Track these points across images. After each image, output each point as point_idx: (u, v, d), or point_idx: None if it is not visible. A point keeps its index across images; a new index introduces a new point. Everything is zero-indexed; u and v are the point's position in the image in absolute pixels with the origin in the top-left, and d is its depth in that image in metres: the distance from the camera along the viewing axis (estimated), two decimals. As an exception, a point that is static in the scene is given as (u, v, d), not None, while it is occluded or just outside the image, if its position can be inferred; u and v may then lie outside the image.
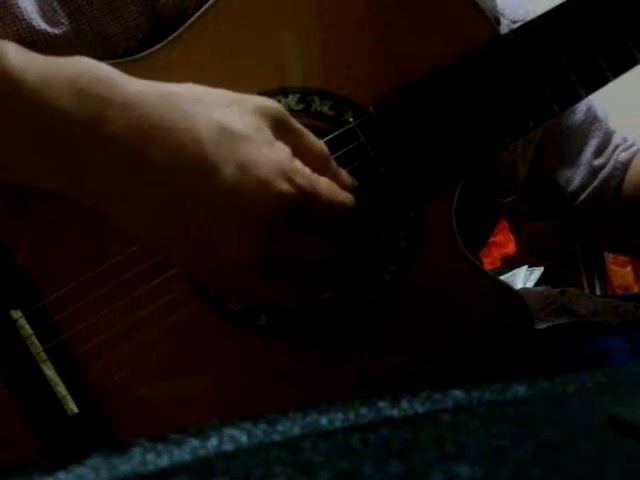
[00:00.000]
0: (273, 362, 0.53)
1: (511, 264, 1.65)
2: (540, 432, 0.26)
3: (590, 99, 0.76)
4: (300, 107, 0.51)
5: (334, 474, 0.22)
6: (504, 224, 1.59)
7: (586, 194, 0.76)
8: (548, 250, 1.58)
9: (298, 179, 0.41)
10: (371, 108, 0.50)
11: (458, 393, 0.29)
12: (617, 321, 0.72)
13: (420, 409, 0.27)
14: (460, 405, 0.28)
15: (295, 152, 0.43)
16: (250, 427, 0.25)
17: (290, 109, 0.50)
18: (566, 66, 0.50)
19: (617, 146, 0.77)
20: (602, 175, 0.75)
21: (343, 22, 0.51)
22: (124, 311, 0.51)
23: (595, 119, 0.77)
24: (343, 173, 0.47)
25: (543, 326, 0.72)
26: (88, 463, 0.22)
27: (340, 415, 0.26)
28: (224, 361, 0.53)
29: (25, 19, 0.47)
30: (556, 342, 0.69)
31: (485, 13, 0.51)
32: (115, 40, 0.50)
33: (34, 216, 0.51)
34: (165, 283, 0.51)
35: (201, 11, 0.50)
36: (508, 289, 0.54)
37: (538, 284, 1.52)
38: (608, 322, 0.72)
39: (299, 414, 0.26)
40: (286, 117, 0.44)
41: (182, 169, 0.40)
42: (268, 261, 0.42)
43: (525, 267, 1.58)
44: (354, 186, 0.47)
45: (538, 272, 1.55)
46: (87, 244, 0.51)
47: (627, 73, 0.51)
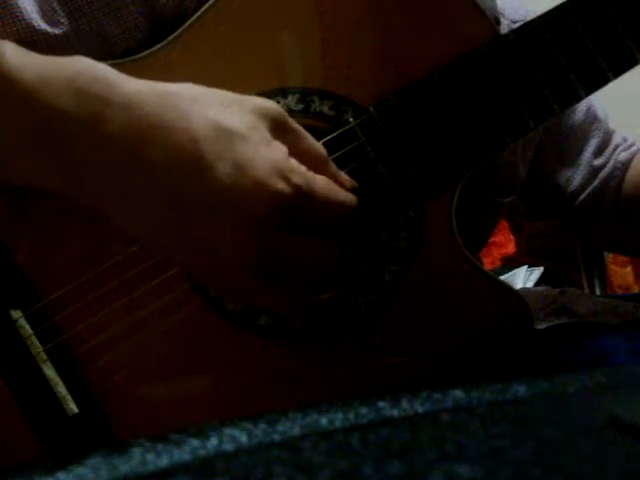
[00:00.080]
0: (273, 362, 0.53)
1: (511, 264, 1.65)
2: (540, 432, 0.26)
3: (590, 99, 0.76)
4: (300, 107, 0.51)
5: (334, 474, 0.22)
6: (504, 224, 1.59)
7: (586, 194, 0.76)
8: (548, 250, 1.58)
9: (294, 178, 0.41)
10: (371, 108, 0.51)
11: (458, 393, 0.29)
12: (617, 321, 0.72)
13: (420, 409, 0.27)
14: (460, 405, 0.28)
15: (293, 153, 0.43)
16: (250, 427, 0.25)
17: (290, 109, 0.50)
18: (566, 66, 0.50)
19: (617, 146, 0.77)
20: (602, 175, 0.75)
21: (343, 22, 0.51)
22: (124, 311, 0.51)
23: (595, 119, 0.77)
24: (342, 174, 0.47)
25: (543, 326, 0.72)
26: (88, 463, 0.22)
27: (340, 415, 0.26)
28: (224, 361, 0.53)
29: (25, 19, 0.47)
30: (556, 342, 0.69)
31: (485, 13, 0.51)
32: (115, 40, 0.50)
33: (34, 216, 0.51)
34: (165, 283, 0.51)
35: (201, 11, 0.50)
36: (508, 289, 0.54)
37: (538, 284, 1.52)
38: (608, 322, 0.72)
39: (299, 414, 0.26)
40: (285, 118, 0.44)
41: (179, 168, 0.40)
42: (264, 262, 0.42)
43: (525, 267, 1.58)
44: (353, 187, 0.47)
45: (538, 272, 1.55)
46: (87, 244, 0.51)
47: (627, 73, 0.51)
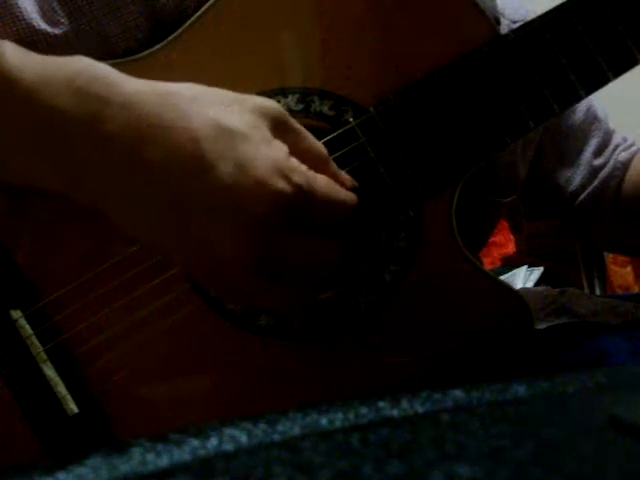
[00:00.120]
0: (273, 362, 0.53)
1: (511, 264, 1.65)
2: (540, 432, 0.26)
3: (590, 99, 0.76)
4: (300, 107, 0.51)
5: (334, 474, 0.22)
6: (504, 224, 1.59)
7: (586, 194, 0.76)
8: (548, 250, 1.58)
9: (295, 177, 0.41)
10: (371, 108, 0.50)
11: (458, 393, 0.29)
12: (617, 321, 0.72)
13: (420, 409, 0.27)
14: (460, 405, 0.28)
15: (294, 152, 0.43)
16: (250, 427, 0.25)
17: (290, 109, 0.50)
18: (566, 66, 0.50)
19: (617, 146, 0.77)
20: (602, 175, 0.75)
21: (343, 22, 0.51)
22: (124, 311, 0.51)
23: (595, 119, 0.77)
24: (343, 174, 0.47)
25: (543, 326, 0.72)
26: (88, 463, 0.22)
27: (340, 415, 0.26)
28: (224, 361, 0.53)
29: (25, 19, 0.47)
30: (556, 342, 0.69)
31: (485, 13, 0.51)
32: (115, 40, 0.50)
33: (34, 216, 0.51)
34: (165, 283, 0.51)
35: (201, 11, 0.50)
36: (508, 289, 0.54)
37: (538, 284, 1.52)
38: (608, 322, 0.72)
39: (299, 414, 0.26)
40: (285, 117, 0.43)
41: (179, 168, 0.40)
42: (264, 261, 0.42)
43: (525, 267, 1.58)
44: (354, 186, 0.47)
45: (538, 272, 1.55)
46: (87, 244, 0.51)
47: (627, 73, 0.51)
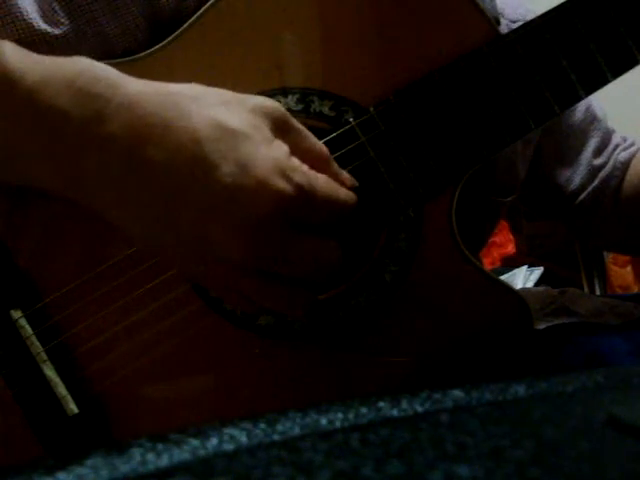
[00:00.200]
0: (273, 362, 0.53)
1: (511, 264, 1.65)
2: (539, 432, 0.26)
3: (589, 98, 0.76)
4: (300, 107, 0.51)
5: (334, 474, 0.22)
6: (504, 224, 1.59)
7: (586, 194, 0.76)
8: (548, 250, 1.58)
9: (296, 177, 0.41)
10: (371, 108, 0.51)
11: (458, 393, 0.29)
12: (617, 321, 0.72)
13: (420, 409, 0.27)
14: (460, 405, 0.28)
15: (294, 152, 0.43)
16: (250, 427, 0.25)
17: (290, 109, 0.50)
18: (566, 66, 0.50)
19: (617, 145, 0.77)
20: (602, 175, 0.75)
21: (343, 22, 0.51)
22: (124, 311, 0.51)
23: (594, 118, 0.77)
24: (343, 173, 0.47)
25: (543, 326, 0.72)
26: (88, 463, 0.22)
27: (340, 415, 0.26)
28: (224, 361, 0.53)
29: (25, 19, 0.47)
30: (556, 342, 0.69)
31: (485, 13, 0.51)
32: (115, 40, 0.50)
33: (35, 216, 0.51)
34: (165, 283, 0.51)
35: (201, 11, 0.50)
36: (508, 289, 0.54)
37: (538, 284, 1.52)
38: (608, 322, 0.72)
39: (299, 414, 0.26)
40: (286, 117, 0.44)
41: (180, 167, 0.40)
42: (264, 261, 0.42)
43: (525, 267, 1.58)
44: (354, 186, 0.47)
45: (538, 272, 1.55)
46: (88, 244, 0.51)
47: (627, 73, 0.51)
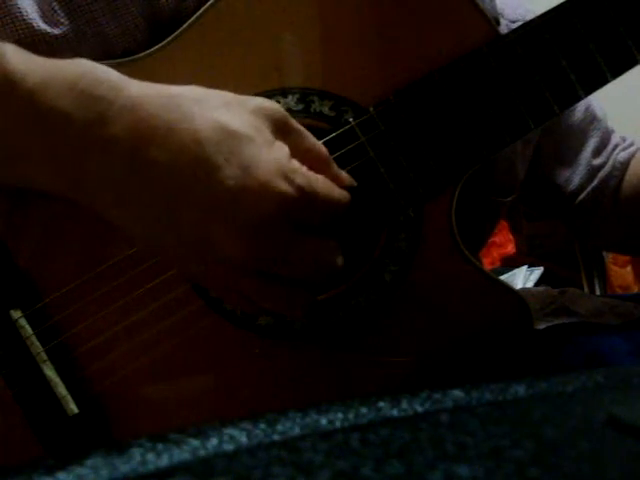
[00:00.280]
0: (273, 362, 0.53)
1: (511, 264, 1.65)
2: (539, 432, 0.26)
3: (589, 98, 0.76)
4: (300, 107, 0.51)
5: (334, 474, 0.22)
6: (504, 224, 1.59)
7: (585, 194, 0.76)
8: (548, 250, 1.58)
9: (298, 179, 0.41)
10: (371, 108, 0.51)
11: (458, 393, 0.29)
12: (617, 321, 0.72)
13: (420, 409, 0.27)
14: (460, 405, 0.28)
15: (295, 153, 0.43)
16: (250, 427, 0.25)
17: (289, 109, 0.50)
18: (566, 66, 0.50)
19: (616, 145, 0.77)
20: (601, 175, 0.75)
21: (343, 22, 0.51)
22: (124, 311, 0.51)
23: (594, 118, 0.76)
24: (342, 174, 0.47)
25: (542, 326, 0.72)
26: (88, 463, 0.22)
27: (340, 415, 0.26)
28: (224, 361, 0.53)
29: (25, 19, 0.47)
30: (555, 342, 0.69)
31: (485, 13, 0.51)
32: (115, 40, 0.50)
33: (35, 216, 0.51)
34: (165, 283, 0.51)
35: (201, 11, 0.50)
36: (508, 289, 0.54)
37: (538, 284, 1.52)
38: (608, 322, 0.72)
39: (299, 414, 0.26)
40: (286, 118, 0.44)
41: (182, 168, 0.40)
42: (265, 262, 0.42)
43: (525, 267, 1.58)
44: (352, 186, 0.47)
45: (538, 272, 1.55)
46: (88, 244, 0.51)
47: (627, 73, 0.51)
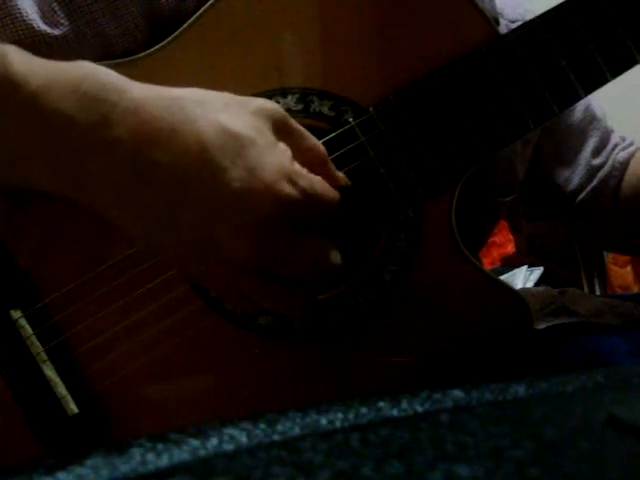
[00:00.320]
0: (273, 362, 0.53)
1: (511, 264, 1.65)
2: (539, 432, 0.26)
3: (588, 98, 0.76)
4: (299, 107, 0.51)
5: (334, 474, 0.22)
6: (504, 224, 1.59)
7: (585, 193, 0.76)
8: (548, 250, 1.58)
9: (301, 181, 0.42)
10: (371, 108, 0.51)
11: (458, 393, 0.29)
12: (617, 321, 0.72)
13: (420, 409, 0.27)
14: (460, 405, 0.28)
15: (295, 153, 0.43)
16: (250, 427, 0.25)
17: (289, 109, 0.50)
18: (565, 66, 0.50)
19: (615, 145, 0.77)
20: (601, 175, 0.75)
21: (343, 22, 0.51)
22: (124, 311, 0.51)
23: (594, 118, 0.76)
24: (339, 174, 0.47)
25: (542, 326, 0.72)
26: (88, 463, 0.22)
27: (340, 415, 0.26)
28: (224, 361, 0.53)
29: (25, 20, 0.47)
30: (555, 342, 0.69)
31: (485, 13, 0.51)
32: (115, 41, 0.50)
33: (35, 216, 0.51)
34: (165, 283, 0.51)
35: (200, 11, 0.50)
36: (508, 289, 0.54)
37: (538, 284, 1.52)
38: (608, 322, 0.72)
39: (299, 414, 0.26)
40: (286, 118, 0.44)
41: (186, 170, 0.40)
42: (266, 262, 0.43)
43: (525, 267, 1.58)
44: (347, 185, 0.47)
45: (538, 272, 1.55)
46: (88, 244, 0.51)
47: (626, 73, 0.51)
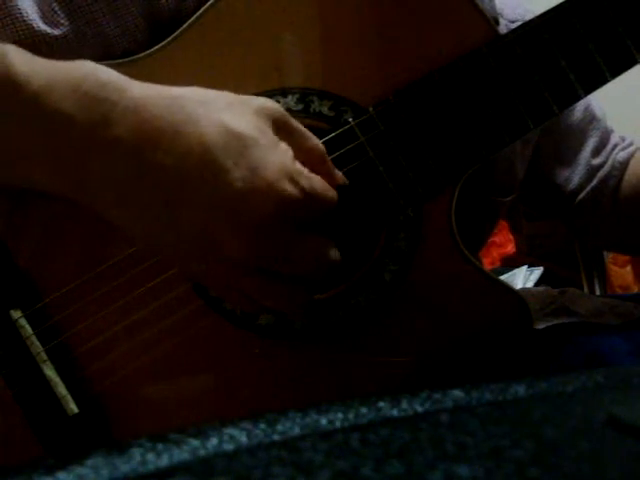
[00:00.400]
0: (273, 362, 0.53)
1: (511, 264, 1.65)
2: (539, 432, 0.26)
3: (588, 98, 0.76)
4: (299, 107, 0.51)
5: (334, 474, 0.22)
6: (504, 224, 1.59)
7: (585, 193, 0.76)
8: (548, 250, 1.58)
9: (302, 181, 0.42)
10: (370, 108, 0.51)
11: (458, 393, 0.29)
12: (617, 321, 0.72)
13: (420, 409, 0.27)
14: (460, 405, 0.28)
15: (296, 153, 0.43)
16: (250, 427, 0.25)
17: (289, 109, 0.50)
18: (565, 66, 0.50)
19: (615, 145, 0.77)
20: (600, 174, 0.75)
21: (343, 22, 0.51)
22: (124, 311, 0.51)
23: (593, 118, 0.76)
24: (337, 173, 0.47)
25: (542, 326, 0.72)
26: (88, 463, 0.22)
27: (340, 415, 0.26)
28: (224, 361, 0.53)
29: (25, 20, 0.47)
30: (555, 342, 0.69)
31: (484, 13, 0.51)
32: (115, 41, 0.50)
33: (35, 216, 0.51)
34: (165, 282, 0.51)
35: (200, 11, 0.50)
36: (508, 289, 0.54)
37: (538, 284, 1.52)
38: (608, 322, 0.72)
39: (299, 414, 0.26)
40: (286, 118, 0.44)
41: (189, 170, 0.40)
42: (266, 260, 0.43)
43: (525, 267, 1.58)
44: (345, 184, 0.47)
45: (538, 272, 1.55)
46: (88, 244, 0.51)
47: (626, 73, 0.51)
